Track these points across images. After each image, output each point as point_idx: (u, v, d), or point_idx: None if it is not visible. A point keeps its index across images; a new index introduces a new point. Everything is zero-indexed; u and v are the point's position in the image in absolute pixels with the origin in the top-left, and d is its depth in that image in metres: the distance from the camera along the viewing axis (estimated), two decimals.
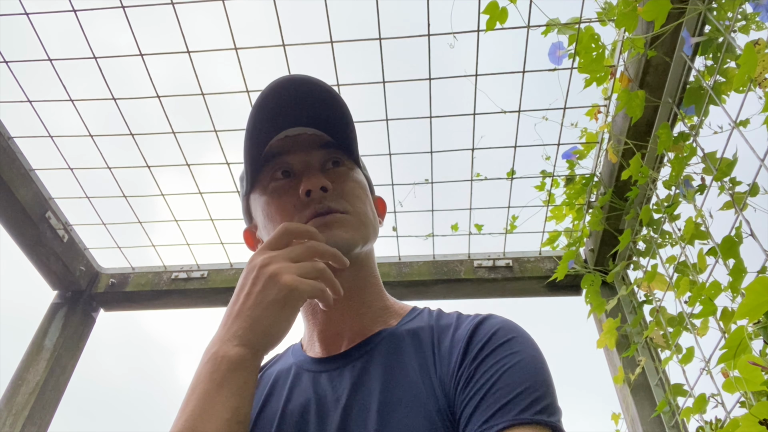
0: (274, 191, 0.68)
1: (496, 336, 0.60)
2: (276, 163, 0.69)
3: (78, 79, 1.59)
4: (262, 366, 0.74)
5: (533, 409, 0.53)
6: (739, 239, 1.12)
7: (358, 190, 0.69)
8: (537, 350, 0.60)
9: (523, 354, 0.58)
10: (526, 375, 0.55)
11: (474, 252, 1.96)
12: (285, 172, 0.69)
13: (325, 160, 0.70)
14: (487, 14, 1.30)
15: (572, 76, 1.49)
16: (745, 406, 1.10)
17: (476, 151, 1.68)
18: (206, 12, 1.46)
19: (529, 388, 0.54)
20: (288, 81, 0.65)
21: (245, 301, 0.54)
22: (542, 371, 0.57)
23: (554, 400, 0.55)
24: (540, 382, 0.55)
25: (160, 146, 1.74)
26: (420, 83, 1.54)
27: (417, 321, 0.68)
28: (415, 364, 0.61)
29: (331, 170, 0.69)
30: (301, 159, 0.68)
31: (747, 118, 1.17)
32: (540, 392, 0.54)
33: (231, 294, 0.57)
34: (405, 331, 0.66)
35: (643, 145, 1.47)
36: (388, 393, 0.58)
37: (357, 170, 0.72)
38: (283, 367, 0.70)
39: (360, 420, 0.56)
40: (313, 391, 0.62)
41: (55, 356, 1.84)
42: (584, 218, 1.76)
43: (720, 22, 1.20)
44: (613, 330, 1.61)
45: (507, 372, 0.56)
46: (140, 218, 1.89)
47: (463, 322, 0.64)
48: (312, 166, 0.68)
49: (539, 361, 0.58)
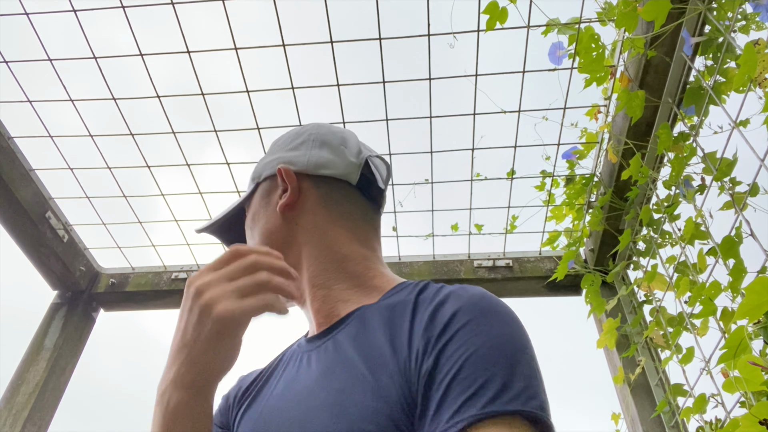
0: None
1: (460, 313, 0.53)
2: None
3: (78, 79, 1.60)
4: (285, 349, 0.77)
5: (503, 397, 0.46)
6: (739, 239, 1.12)
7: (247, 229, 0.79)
8: (509, 327, 0.53)
9: (489, 334, 0.51)
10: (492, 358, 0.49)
11: (474, 252, 1.96)
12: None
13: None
14: (487, 14, 1.30)
15: (572, 76, 1.49)
16: (745, 406, 1.10)
17: (476, 151, 1.68)
18: (206, 12, 1.46)
19: (498, 373, 0.47)
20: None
21: (183, 336, 0.51)
22: (514, 351, 0.50)
23: (531, 383, 0.48)
24: (510, 365, 0.48)
25: (160, 146, 1.74)
26: (420, 83, 1.54)
27: (398, 296, 0.64)
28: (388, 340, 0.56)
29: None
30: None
31: (747, 118, 1.17)
32: (511, 376, 0.47)
33: None
34: (381, 307, 0.63)
35: (643, 145, 1.47)
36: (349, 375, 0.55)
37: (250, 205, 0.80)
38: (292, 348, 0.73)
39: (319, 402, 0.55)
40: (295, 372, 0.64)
41: (55, 356, 1.84)
42: (584, 218, 1.76)
43: (720, 22, 1.20)
44: (613, 330, 1.61)
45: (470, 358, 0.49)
46: (140, 218, 1.89)
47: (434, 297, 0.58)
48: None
49: (511, 339, 0.51)
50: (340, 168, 0.75)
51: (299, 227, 0.73)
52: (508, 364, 0.48)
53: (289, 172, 0.74)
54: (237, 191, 1.81)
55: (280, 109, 1.65)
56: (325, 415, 0.53)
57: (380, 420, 0.49)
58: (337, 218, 0.74)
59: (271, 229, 0.74)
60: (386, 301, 0.64)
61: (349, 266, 0.71)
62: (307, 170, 0.75)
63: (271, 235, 0.74)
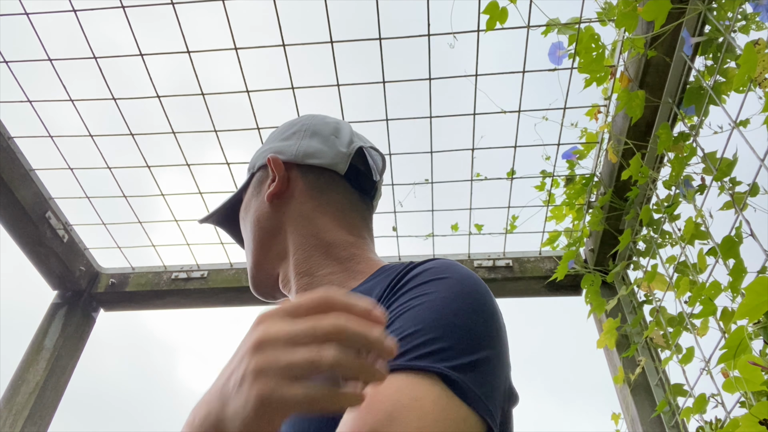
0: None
1: (416, 279, 0.52)
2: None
3: (78, 78, 1.60)
4: None
5: (414, 353, 0.43)
6: (739, 239, 1.12)
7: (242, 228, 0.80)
8: (458, 290, 0.50)
9: (434, 295, 0.49)
10: (424, 316, 0.46)
11: (474, 252, 1.96)
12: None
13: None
14: (487, 14, 1.30)
15: (572, 76, 1.49)
16: (745, 406, 1.10)
17: (476, 151, 1.68)
18: (206, 11, 1.46)
19: (420, 331, 0.45)
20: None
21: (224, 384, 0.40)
22: (451, 310, 0.47)
23: (459, 343, 0.45)
24: (439, 325, 0.45)
25: (160, 146, 1.74)
26: (420, 83, 1.54)
27: (377, 281, 0.62)
28: None
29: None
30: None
31: (747, 118, 1.17)
32: (435, 334, 0.45)
33: (231, 294, 0.56)
34: (361, 291, 0.62)
35: (643, 145, 1.47)
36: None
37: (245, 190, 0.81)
38: None
39: None
40: None
41: (55, 356, 1.84)
42: (584, 218, 1.76)
43: (720, 22, 1.20)
44: (613, 330, 1.61)
45: (403, 315, 0.47)
46: (140, 218, 1.89)
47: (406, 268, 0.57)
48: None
49: (453, 299, 0.48)
50: (328, 158, 0.76)
51: (286, 215, 0.74)
52: (439, 323, 0.46)
53: (277, 162, 0.76)
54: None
55: (280, 109, 1.65)
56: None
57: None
58: (324, 206, 0.75)
59: (259, 218, 0.76)
60: (368, 284, 0.64)
61: (333, 252, 0.71)
62: (295, 159, 0.76)
63: (259, 223, 0.76)
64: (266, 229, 0.75)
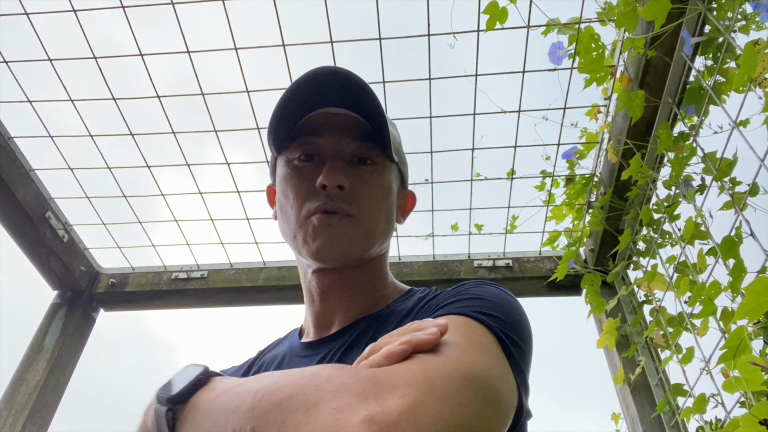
0: (295, 170, 0.67)
1: (464, 286, 0.59)
2: (306, 141, 0.67)
3: (78, 78, 1.60)
4: (261, 351, 0.76)
5: (476, 309, 0.51)
6: (739, 239, 1.12)
7: (377, 193, 0.67)
8: (510, 294, 0.58)
9: (487, 290, 0.57)
10: (485, 294, 0.54)
11: (474, 252, 1.96)
12: (310, 155, 0.67)
13: (355, 153, 0.67)
14: (487, 14, 1.30)
15: (572, 76, 1.49)
16: (745, 406, 1.10)
17: (476, 151, 1.68)
18: (206, 11, 1.46)
19: (480, 299, 0.53)
20: (335, 69, 0.64)
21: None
22: (505, 300, 0.55)
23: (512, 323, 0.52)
24: (497, 303, 0.54)
25: (160, 146, 1.74)
26: (420, 83, 1.54)
27: (407, 302, 0.66)
28: None
29: (357, 167, 0.67)
30: (331, 145, 0.67)
31: (747, 118, 1.17)
32: (493, 308, 0.52)
33: (231, 294, 0.57)
34: (389, 313, 0.65)
35: (643, 145, 1.47)
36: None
37: (386, 169, 0.70)
38: (278, 352, 0.71)
39: None
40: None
41: (55, 356, 1.84)
42: (584, 218, 1.76)
43: (720, 22, 1.20)
44: (613, 330, 1.61)
45: (464, 296, 0.55)
46: (140, 218, 1.89)
47: (447, 291, 0.63)
48: (340, 155, 0.66)
49: (508, 297, 0.57)
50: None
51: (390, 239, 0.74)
52: (494, 301, 0.54)
53: (414, 205, 0.80)
54: (237, 191, 1.80)
55: None
56: None
57: None
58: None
59: (392, 223, 0.72)
60: (393, 308, 0.66)
61: (387, 277, 0.73)
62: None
63: (390, 228, 0.71)
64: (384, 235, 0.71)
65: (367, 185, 0.66)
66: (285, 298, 2.00)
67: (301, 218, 0.65)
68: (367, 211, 0.65)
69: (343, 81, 0.64)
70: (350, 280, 0.68)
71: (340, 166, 0.65)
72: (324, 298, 0.69)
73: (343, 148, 0.67)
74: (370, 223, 0.65)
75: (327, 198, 0.63)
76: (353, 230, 0.64)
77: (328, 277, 0.68)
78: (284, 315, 2.68)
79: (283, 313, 2.51)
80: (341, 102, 0.66)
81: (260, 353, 0.75)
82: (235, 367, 0.75)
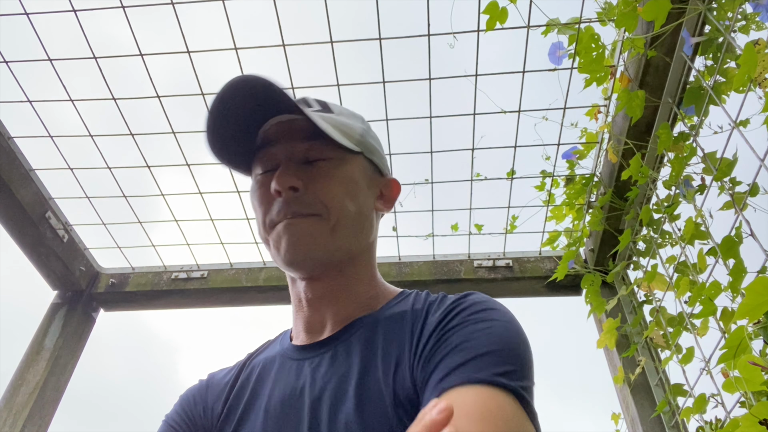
0: (258, 182, 0.68)
1: (469, 308, 0.58)
2: (264, 153, 0.68)
3: (78, 78, 1.60)
4: (251, 354, 0.76)
5: (493, 370, 0.50)
6: (739, 239, 1.12)
7: (339, 187, 0.65)
8: (512, 322, 0.57)
9: (494, 323, 0.56)
10: (493, 340, 0.53)
11: (474, 252, 1.96)
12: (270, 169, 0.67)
13: (308, 154, 0.66)
14: (487, 14, 1.30)
15: (572, 76, 1.49)
16: (745, 406, 1.10)
17: (476, 151, 1.68)
18: (206, 10, 1.46)
19: (494, 352, 0.52)
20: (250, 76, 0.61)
21: None
22: (513, 340, 0.54)
23: (522, 369, 0.52)
24: (508, 349, 0.53)
25: (160, 146, 1.74)
26: (420, 83, 1.54)
27: (401, 305, 0.66)
28: (385, 352, 0.59)
29: (312, 165, 0.66)
30: (284, 150, 0.66)
31: (747, 118, 1.17)
32: (506, 358, 0.51)
33: (231, 294, 0.56)
34: (386, 316, 0.65)
35: (643, 145, 1.47)
36: (361, 383, 0.57)
37: (346, 162, 0.68)
38: (269, 355, 0.71)
39: (335, 412, 0.56)
40: (295, 379, 0.63)
41: (55, 356, 1.84)
42: (584, 218, 1.76)
43: (720, 22, 1.20)
44: (613, 330, 1.61)
45: (473, 336, 0.54)
46: (140, 218, 1.89)
47: (443, 303, 0.62)
48: (292, 158, 0.66)
49: (511, 330, 0.56)
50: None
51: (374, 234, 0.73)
52: (507, 348, 0.53)
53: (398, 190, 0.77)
54: (237, 191, 1.80)
55: None
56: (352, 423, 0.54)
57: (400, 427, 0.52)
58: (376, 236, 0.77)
59: (368, 216, 0.70)
60: (389, 311, 0.65)
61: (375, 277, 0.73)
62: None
63: (365, 221, 0.69)
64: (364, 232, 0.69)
65: (325, 180, 0.65)
66: (285, 298, 1.99)
67: (267, 228, 0.66)
68: (330, 206, 0.64)
69: (272, 91, 0.62)
70: (337, 283, 0.67)
71: (289, 168, 0.64)
72: (312, 304, 0.68)
73: (295, 151, 0.66)
74: (336, 218, 0.64)
75: (285, 204, 0.63)
76: (317, 228, 0.63)
77: (314, 283, 0.67)
78: (284, 315, 2.68)
79: (283, 313, 2.51)
80: (289, 108, 0.65)
81: (250, 356, 0.75)
82: (224, 370, 0.74)
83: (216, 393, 0.69)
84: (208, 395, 0.70)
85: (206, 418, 0.68)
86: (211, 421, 0.67)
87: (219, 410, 0.67)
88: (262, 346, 0.77)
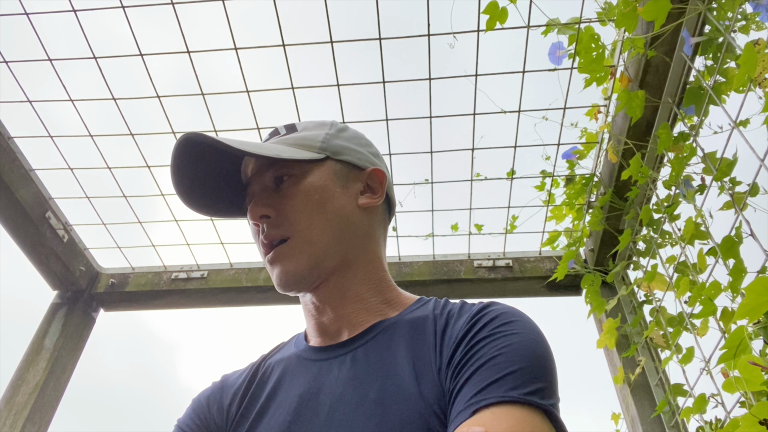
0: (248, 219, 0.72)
1: (496, 320, 0.58)
2: (247, 194, 0.73)
3: (78, 78, 1.60)
4: (265, 355, 0.76)
5: (525, 389, 0.50)
6: (739, 239, 1.12)
7: (306, 201, 0.67)
8: (539, 335, 0.58)
9: (522, 336, 0.56)
10: (523, 355, 0.53)
11: (474, 252, 1.96)
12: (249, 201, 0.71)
13: (274, 179, 0.69)
14: (487, 14, 1.30)
15: (572, 76, 1.49)
16: (745, 406, 1.10)
17: (476, 151, 1.68)
18: (206, 10, 1.46)
19: (524, 368, 0.52)
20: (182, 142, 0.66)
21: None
22: (542, 355, 0.55)
23: (551, 385, 0.53)
24: (538, 365, 0.53)
25: (160, 146, 1.74)
26: (420, 83, 1.54)
27: (420, 311, 0.67)
28: (411, 356, 0.59)
29: (278, 189, 0.69)
30: (257, 184, 0.71)
31: (747, 118, 1.17)
32: (536, 374, 0.52)
33: (231, 294, 0.57)
34: (406, 321, 0.65)
35: (643, 145, 1.47)
36: (384, 386, 0.57)
37: (309, 173, 0.69)
38: (285, 355, 0.71)
39: (356, 412, 0.56)
40: (314, 380, 0.63)
41: (55, 356, 1.84)
42: (584, 218, 1.76)
43: (720, 22, 1.20)
44: (613, 330, 1.61)
45: (503, 351, 0.54)
46: (140, 218, 1.89)
47: (466, 311, 0.62)
48: (265, 189, 0.70)
49: (540, 345, 0.56)
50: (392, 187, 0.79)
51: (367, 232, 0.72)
52: (536, 363, 0.53)
53: (383, 177, 0.75)
54: None
55: (280, 109, 1.65)
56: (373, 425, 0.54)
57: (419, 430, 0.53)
58: (384, 232, 0.77)
59: (349, 217, 0.69)
60: (409, 317, 0.66)
61: (384, 279, 0.73)
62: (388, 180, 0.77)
63: (346, 223, 0.68)
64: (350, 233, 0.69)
65: (290, 199, 0.67)
66: (285, 298, 2.00)
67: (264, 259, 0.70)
68: (299, 224, 0.66)
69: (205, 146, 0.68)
70: (340, 285, 0.68)
71: (260, 199, 0.68)
72: (321, 309, 0.69)
73: (264, 181, 0.70)
74: (307, 234, 0.66)
75: (263, 233, 0.67)
76: (292, 250, 0.66)
77: (317, 291, 0.68)
78: (284, 315, 2.68)
79: (283, 313, 2.51)
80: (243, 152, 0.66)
81: (264, 357, 0.75)
82: (238, 372, 0.74)
83: (231, 393, 0.70)
84: (223, 396, 0.70)
85: (221, 418, 0.68)
86: (225, 422, 0.67)
87: (234, 410, 0.67)
88: (276, 347, 0.77)
